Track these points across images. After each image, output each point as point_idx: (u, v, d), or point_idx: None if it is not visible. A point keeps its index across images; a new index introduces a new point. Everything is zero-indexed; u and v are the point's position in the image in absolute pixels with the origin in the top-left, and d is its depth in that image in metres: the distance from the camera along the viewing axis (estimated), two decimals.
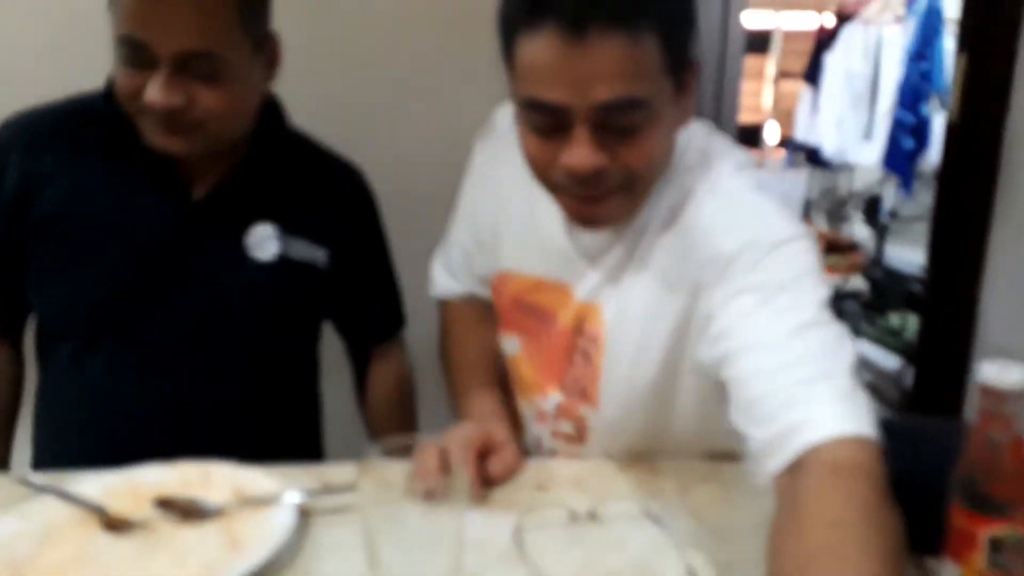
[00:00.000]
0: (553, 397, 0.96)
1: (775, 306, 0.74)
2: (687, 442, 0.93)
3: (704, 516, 0.83)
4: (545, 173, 0.80)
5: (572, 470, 0.92)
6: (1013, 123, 1.75)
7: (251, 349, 1.04)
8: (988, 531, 0.63)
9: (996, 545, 0.63)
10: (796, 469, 0.65)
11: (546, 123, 0.75)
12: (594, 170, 0.75)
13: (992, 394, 0.64)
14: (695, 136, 0.87)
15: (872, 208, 3.94)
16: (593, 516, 0.81)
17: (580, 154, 0.74)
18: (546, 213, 0.92)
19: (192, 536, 0.75)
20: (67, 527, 0.76)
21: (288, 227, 1.03)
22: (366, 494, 0.73)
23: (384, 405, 1.21)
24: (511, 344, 1.01)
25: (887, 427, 0.85)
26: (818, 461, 0.64)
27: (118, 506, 0.78)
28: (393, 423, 1.20)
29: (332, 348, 1.22)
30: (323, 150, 1.13)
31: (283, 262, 1.02)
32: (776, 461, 0.67)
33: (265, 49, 0.99)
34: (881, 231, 3.60)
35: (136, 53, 0.88)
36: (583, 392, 0.93)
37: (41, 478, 0.81)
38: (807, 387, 0.68)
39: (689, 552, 0.75)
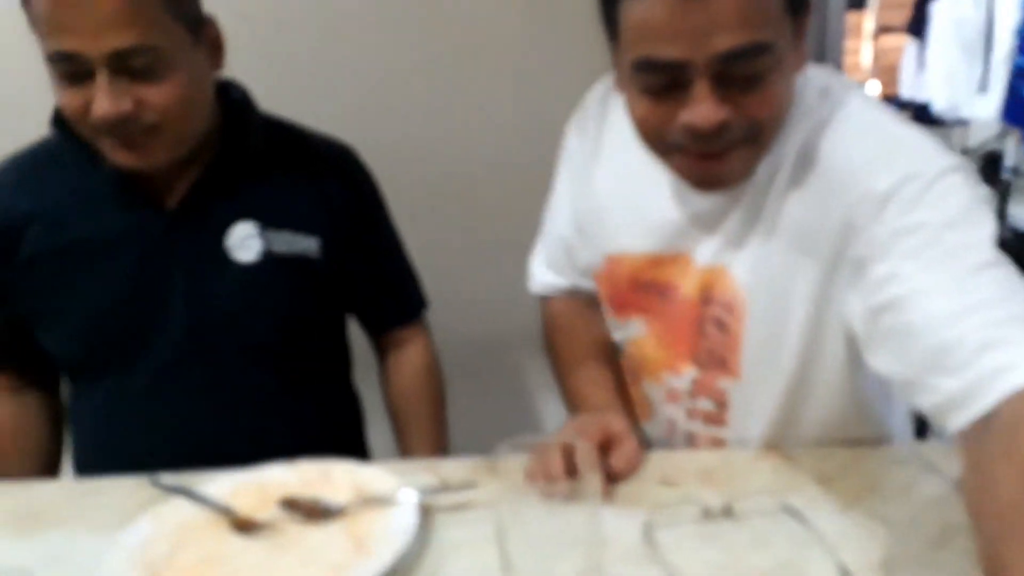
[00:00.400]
0: (687, 373, 0.90)
1: (945, 246, 0.67)
2: (828, 420, 0.88)
3: (850, 509, 0.77)
4: (660, 136, 0.75)
5: (699, 463, 0.87)
6: None
7: (258, 352, 1.01)
8: None
9: None
10: (993, 417, 0.59)
11: (661, 83, 0.71)
12: (719, 124, 0.70)
13: None
14: (812, 78, 0.81)
15: (991, 166, 3.66)
16: (728, 512, 0.76)
17: (704, 110, 0.70)
18: (652, 186, 0.88)
19: (318, 536, 0.75)
20: (198, 528, 0.77)
21: (271, 221, 1.00)
22: (488, 491, 0.71)
23: (406, 393, 1.17)
24: (633, 327, 0.95)
25: None
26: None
27: (244, 506, 0.78)
28: (417, 413, 1.16)
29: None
30: (304, 132, 1.09)
31: (269, 259, 0.99)
32: (975, 409, 0.60)
33: (204, 34, 0.94)
34: (1004, 190, 3.33)
35: (70, 67, 0.85)
36: (722, 363, 0.87)
37: (172, 480, 0.82)
38: (1001, 329, 0.61)
39: (839, 550, 0.70)
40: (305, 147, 1.07)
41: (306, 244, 1.01)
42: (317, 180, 1.04)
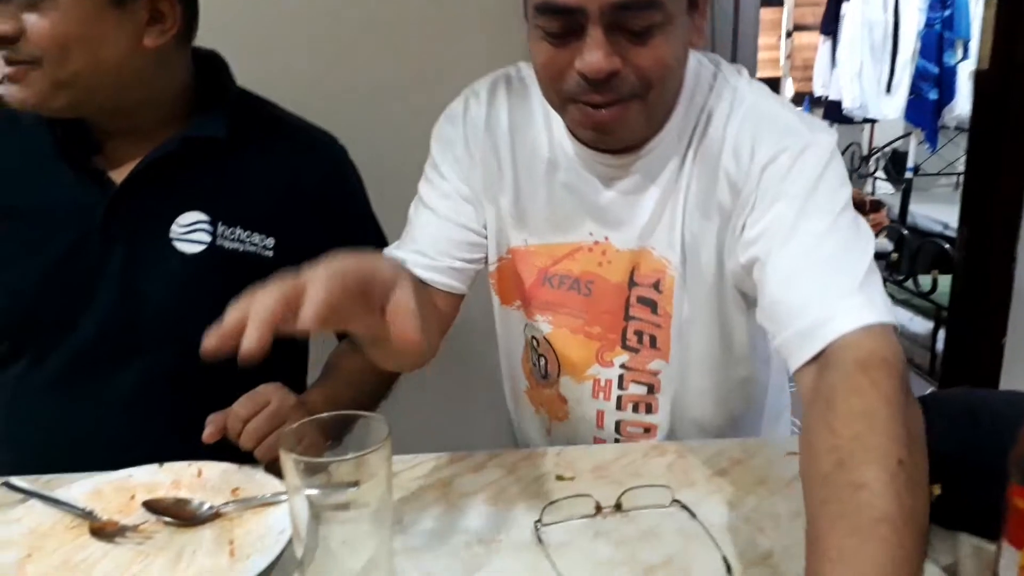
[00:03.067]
0: (617, 360, 0.91)
1: (807, 208, 0.75)
2: (751, 400, 0.94)
3: (738, 503, 0.77)
4: (558, 84, 0.77)
5: (594, 457, 0.86)
6: None
7: (189, 350, 0.92)
8: None
9: None
10: (824, 365, 0.66)
11: (559, 27, 0.74)
12: (609, 72, 0.73)
13: None
14: (704, 62, 0.86)
15: (895, 164, 3.83)
16: (619, 507, 0.75)
17: (594, 56, 0.72)
18: (561, 176, 0.87)
19: (188, 540, 0.70)
20: (54, 533, 0.71)
21: (223, 213, 0.92)
22: (374, 489, 0.68)
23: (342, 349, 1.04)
24: (541, 327, 0.93)
25: (940, 402, 0.79)
26: (844, 356, 0.65)
27: (107, 510, 0.73)
28: (345, 366, 1.01)
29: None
30: (284, 115, 1.01)
31: (215, 253, 0.92)
32: (803, 355, 0.68)
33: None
34: (906, 188, 3.48)
35: None
36: (652, 343, 0.89)
37: (25, 482, 0.76)
38: (831, 284, 0.70)
39: (725, 544, 0.69)
40: (279, 132, 0.99)
41: (259, 243, 0.94)
42: (285, 170, 0.97)
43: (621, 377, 0.91)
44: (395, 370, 0.92)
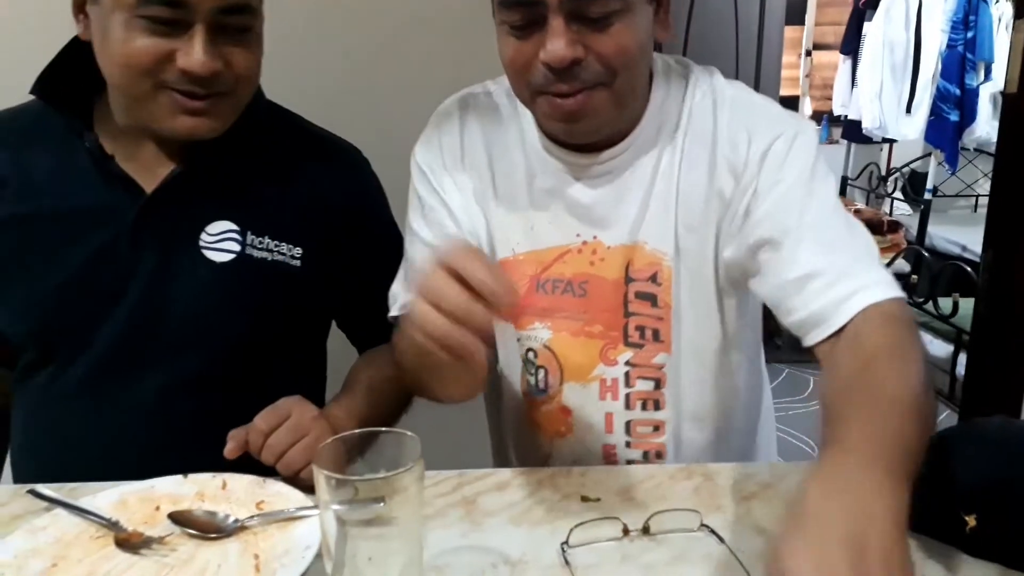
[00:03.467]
0: (622, 358, 0.90)
1: (812, 190, 0.81)
2: (744, 391, 0.96)
3: (767, 529, 0.76)
4: (525, 77, 0.80)
5: (620, 479, 0.85)
6: None
7: (216, 357, 0.93)
8: None
9: None
10: (851, 333, 0.74)
11: (521, 19, 0.77)
12: (571, 60, 0.76)
13: None
14: (676, 64, 0.91)
15: (914, 185, 3.80)
16: (647, 531, 0.75)
17: (556, 45, 0.75)
18: (544, 181, 0.89)
19: (213, 554, 0.70)
20: (79, 543, 0.71)
21: (252, 223, 0.93)
22: (401, 504, 0.67)
23: (369, 357, 1.05)
24: (539, 335, 0.92)
25: (976, 431, 0.78)
26: (872, 314, 0.73)
27: (132, 520, 0.73)
28: (374, 375, 1.00)
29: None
30: (309, 128, 1.02)
31: (244, 262, 0.92)
32: (830, 325, 0.75)
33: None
34: (924, 209, 3.46)
35: (164, 12, 0.79)
36: (655, 336, 0.90)
37: (50, 490, 0.76)
38: (851, 260, 0.78)
39: (754, 569, 0.68)
40: (307, 144, 1.00)
41: (287, 252, 0.95)
42: (313, 181, 0.98)
43: (627, 374, 0.91)
44: (449, 400, 0.84)
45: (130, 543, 0.70)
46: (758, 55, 2.11)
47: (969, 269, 2.25)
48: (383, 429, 0.61)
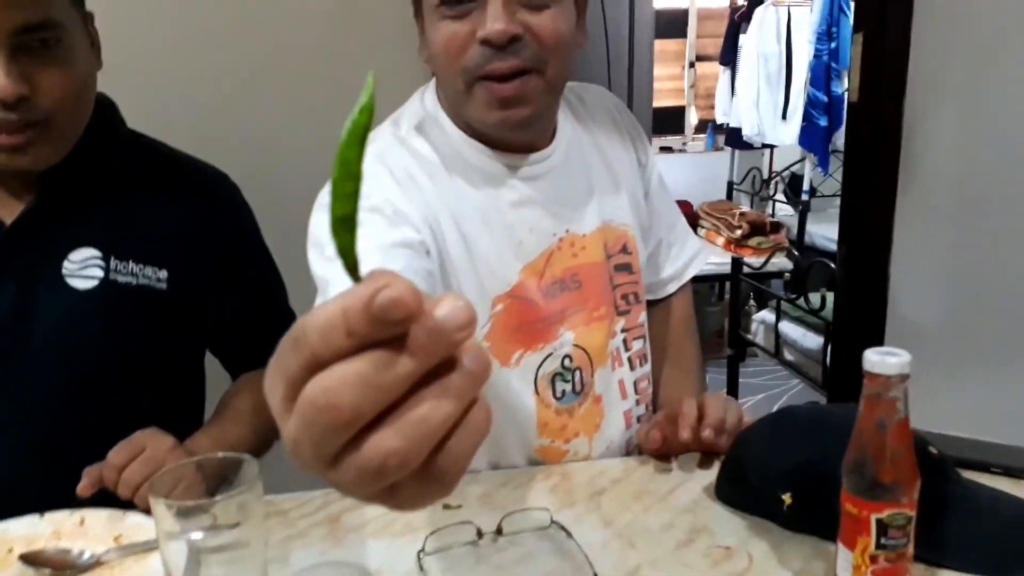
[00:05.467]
0: (619, 326, 1.00)
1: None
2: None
3: (613, 520, 0.81)
4: (460, 60, 0.83)
5: (482, 486, 0.90)
6: (912, 99, 1.79)
7: (88, 383, 0.92)
8: (875, 515, 0.64)
9: (882, 527, 0.64)
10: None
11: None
12: (511, 35, 0.80)
13: (875, 379, 0.64)
14: None
15: (794, 187, 4.02)
16: (500, 532, 0.79)
17: (497, 22, 0.79)
18: (492, 204, 0.91)
19: None
20: None
21: (115, 250, 0.93)
22: (257, 528, 0.69)
23: (238, 385, 1.06)
24: (565, 338, 0.94)
25: (790, 417, 0.86)
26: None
27: None
28: (237, 404, 1.01)
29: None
30: (173, 154, 1.02)
31: (107, 288, 0.92)
32: (680, 283, 1.12)
33: (91, 27, 0.91)
34: (803, 210, 3.67)
35: None
36: (636, 298, 1.02)
37: None
38: (686, 235, 1.13)
39: (598, 561, 0.74)
40: (170, 170, 1.00)
41: (152, 275, 0.94)
42: (177, 206, 0.97)
43: (624, 340, 1.01)
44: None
45: None
46: (630, 68, 2.21)
47: (833, 265, 2.41)
48: (220, 455, 0.63)
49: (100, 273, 0.92)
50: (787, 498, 0.77)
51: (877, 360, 0.64)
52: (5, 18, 0.78)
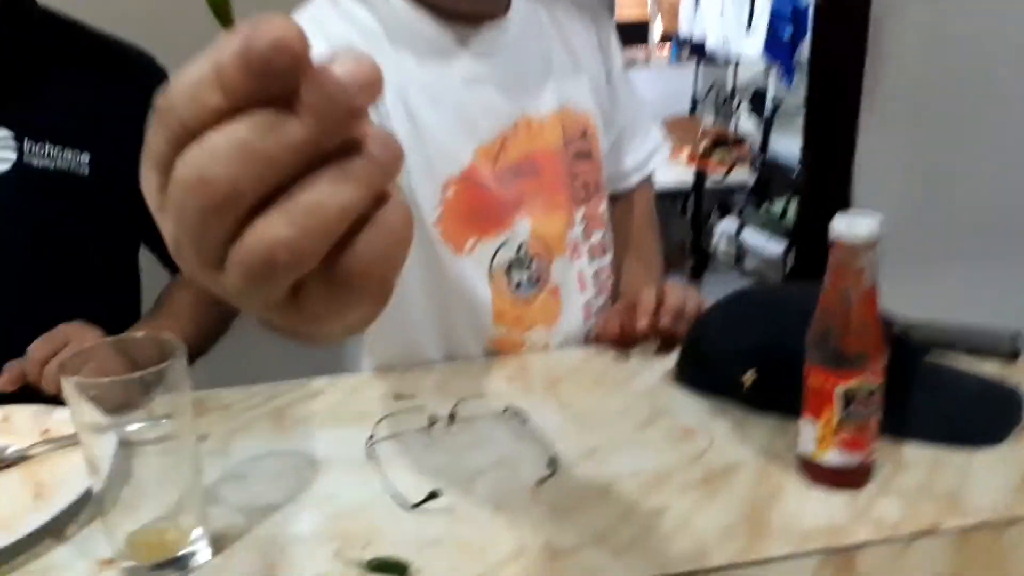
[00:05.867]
0: (577, 215, 0.95)
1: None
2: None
3: (570, 406, 0.79)
4: None
5: (436, 376, 0.86)
6: (879, 1, 1.74)
7: (8, 276, 0.87)
8: (841, 386, 0.61)
9: (848, 398, 0.61)
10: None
11: None
12: None
13: (843, 247, 0.61)
14: None
15: (757, 101, 3.97)
16: (452, 418, 0.76)
17: None
18: (443, 84, 0.84)
19: None
20: None
21: (29, 129, 0.86)
22: (189, 422, 0.65)
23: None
24: (521, 227, 0.89)
25: (753, 295, 0.83)
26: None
27: None
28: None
29: None
30: (94, 32, 0.95)
31: (22, 172, 0.85)
32: (642, 174, 1.07)
33: None
34: (766, 123, 3.62)
35: None
36: (596, 188, 0.97)
37: None
38: (648, 126, 1.08)
39: (554, 443, 0.71)
40: (90, 48, 0.92)
41: (71, 159, 0.87)
42: (98, 86, 0.91)
43: (583, 229, 0.96)
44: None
45: None
46: None
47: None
48: (139, 334, 0.58)
49: (12, 156, 0.85)
50: (748, 376, 0.75)
51: (844, 226, 0.61)
52: None
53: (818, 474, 0.65)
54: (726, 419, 0.75)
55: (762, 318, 0.76)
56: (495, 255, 0.89)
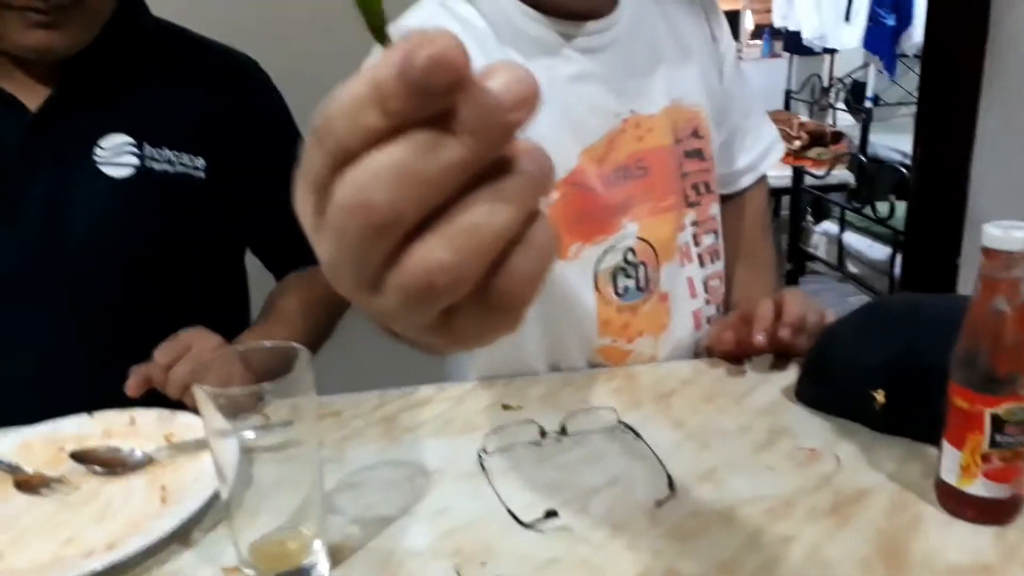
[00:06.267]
0: (687, 218, 0.92)
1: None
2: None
3: (685, 422, 0.76)
4: None
5: (542, 387, 0.85)
6: None
7: (127, 280, 0.89)
8: (990, 409, 0.57)
9: (998, 423, 0.57)
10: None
11: None
12: None
13: (997, 257, 0.56)
14: None
15: (855, 94, 3.81)
16: (564, 432, 0.74)
17: None
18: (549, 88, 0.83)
19: (118, 489, 0.68)
20: None
21: (148, 134, 0.88)
22: (309, 429, 0.66)
23: (286, 284, 1.01)
24: (629, 230, 0.87)
25: (884, 308, 0.79)
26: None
27: (35, 463, 0.70)
28: (283, 303, 0.97)
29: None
30: (201, 40, 0.97)
31: (144, 176, 0.88)
32: (756, 175, 1.03)
33: None
34: (865, 118, 3.47)
35: None
36: (707, 188, 0.93)
37: None
38: (761, 123, 1.03)
39: (669, 461, 0.69)
40: (200, 55, 0.96)
41: (189, 163, 0.91)
42: (209, 93, 0.94)
43: (694, 235, 0.93)
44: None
45: (30, 484, 0.67)
46: None
47: (906, 172, 2.27)
48: (268, 344, 0.59)
49: (135, 161, 0.88)
50: (879, 396, 0.71)
51: (999, 234, 0.56)
52: None
53: (962, 505, 0.60)
54: (853, 441, 0.71)
55: (896, 331, 0.72)
56: (600, 260, 0.86)
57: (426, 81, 0.20)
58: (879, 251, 2.39)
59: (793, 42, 4.01)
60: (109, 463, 0.70)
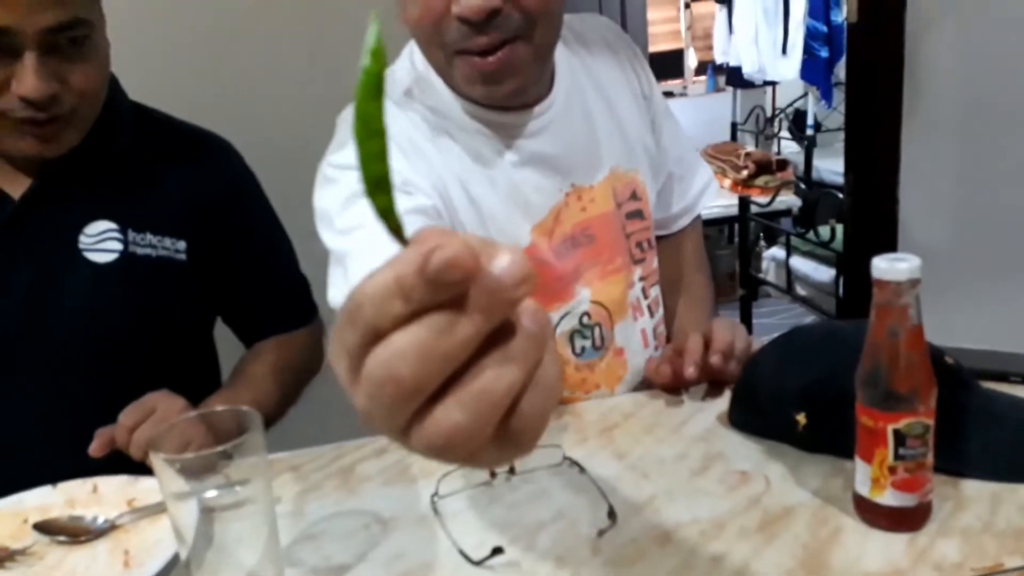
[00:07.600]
0: (636, 275, 0.97)
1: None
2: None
3: (627, 453, 0.81)
4: (438, 36, 0.77)
5: None
6: (912, 16, 1.74)
7: (110, 359, 0.92)
8: (892, 425, 0.62)
9: (900, 438, 0.62)
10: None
11: None
12: (489, 10, 0.73)
13: (886, 287, 0.62)
14: None
15: (797, 123, 3.95)
16: (512, 471, 0.78)
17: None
18: (498, 160, 0.87)
19: (81, 557, 0.70)
20: None
21: (131, 220, 0.92)
22: (265, 486, 0.69)
23: (255, 351, 1.04)
24: (582, 296, 0.92)
25: (800, 335, 0.84)
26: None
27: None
28: (251, 369, 1.01)
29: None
30: (176, 123, 1.01)
31: (128, 261, 0.91)
32: (690, 217, 1.10)
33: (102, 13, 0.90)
34: (808, 145, 3.60)
35: None
36: (650, 245, 1.00)
37: None
38: (695, 167, 1.10)
39: (611, 493, 0.73)
40: (176, 138, 0.99)
41: (171, 246, 0.94)
42: (187, 176, 0.97)
43: (643, 289, 0.99)
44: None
45: None
46: (622, 9, 2.15)
47: (841, 196, 2.37)
48: (219, 407, 0.62)
49: (119, 246, 0.91)
50: (801, 418, 0.76)
51: (886, 267, 0.62)
52: (36, 19, 0.77)
53: (875, 515, 0.65)
54: (781, 462, 0.76)
55: (813, 357, 0.77)
56: (556, 326, 0.91)
57: (441, 278, 0.25)
58: (824, 273, 2.49)
59: (735, 76, 4.17)
60: (72, 532, 0.72)
